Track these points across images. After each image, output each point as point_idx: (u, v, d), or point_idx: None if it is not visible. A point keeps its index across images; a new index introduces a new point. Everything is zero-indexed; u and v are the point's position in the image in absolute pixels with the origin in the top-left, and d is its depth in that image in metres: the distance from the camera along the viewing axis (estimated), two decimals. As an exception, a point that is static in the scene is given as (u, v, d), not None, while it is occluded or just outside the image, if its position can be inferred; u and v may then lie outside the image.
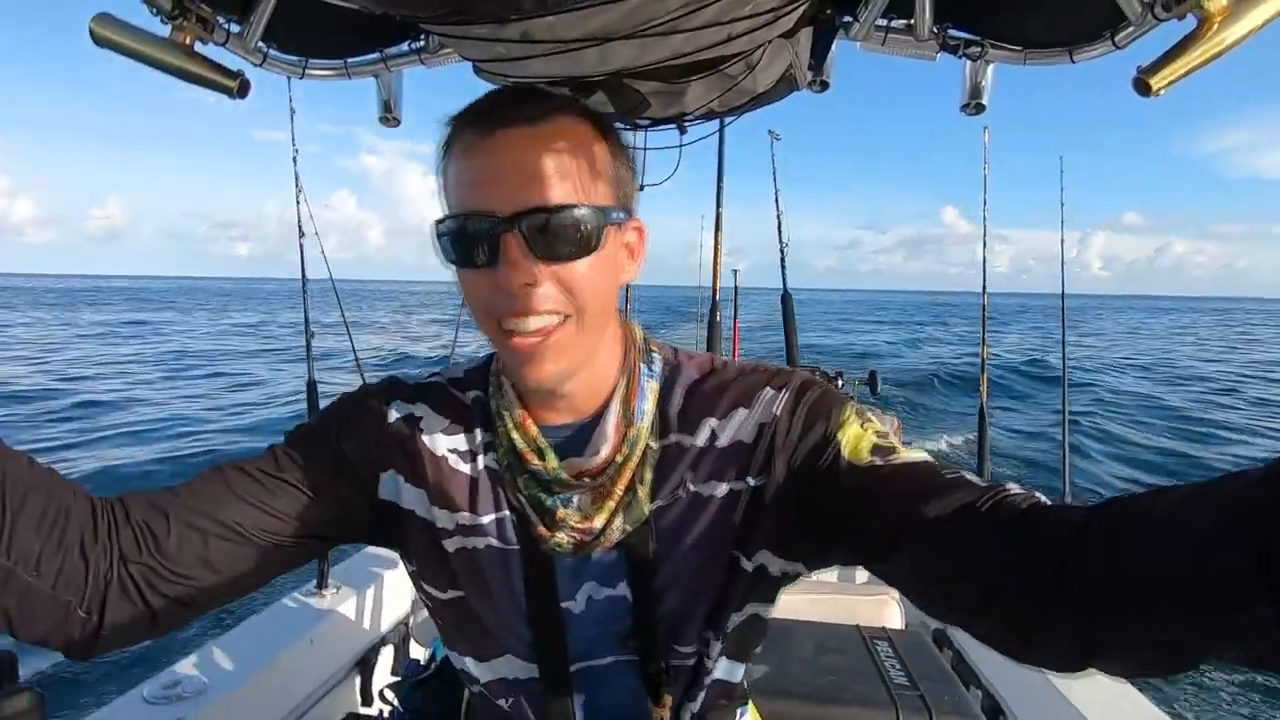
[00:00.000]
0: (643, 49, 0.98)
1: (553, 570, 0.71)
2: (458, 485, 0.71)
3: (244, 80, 1.15)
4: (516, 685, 0.73)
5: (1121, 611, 0.44)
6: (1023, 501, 0.54)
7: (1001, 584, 0.51)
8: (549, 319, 0.61)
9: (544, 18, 0.88)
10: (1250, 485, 0.38)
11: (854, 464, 0.63)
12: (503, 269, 0.59)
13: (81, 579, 0.57)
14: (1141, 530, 0.44)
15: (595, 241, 0.62)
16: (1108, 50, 1.13)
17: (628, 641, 0.72)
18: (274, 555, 0.68)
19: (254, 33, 1.12)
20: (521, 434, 0.69)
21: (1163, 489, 0.45)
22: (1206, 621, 0.39)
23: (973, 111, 1.40)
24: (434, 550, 0.73)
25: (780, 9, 0.96)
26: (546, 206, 0.59)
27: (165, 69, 1.07)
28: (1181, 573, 0.40)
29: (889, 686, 1.36)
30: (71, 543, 0.56)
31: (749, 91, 1.35)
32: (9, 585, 0.53)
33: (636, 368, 0.71)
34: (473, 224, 0.60)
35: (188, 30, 1.04)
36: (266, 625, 2.02)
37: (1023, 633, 0.51)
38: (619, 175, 0.67)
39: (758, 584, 0.74)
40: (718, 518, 0.70)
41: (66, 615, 0.57)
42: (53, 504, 0.56)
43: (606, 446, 0.69)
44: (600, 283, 0.64)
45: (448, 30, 0.96)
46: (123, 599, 0.60)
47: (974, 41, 1.25)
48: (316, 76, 1.33)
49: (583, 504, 0.68)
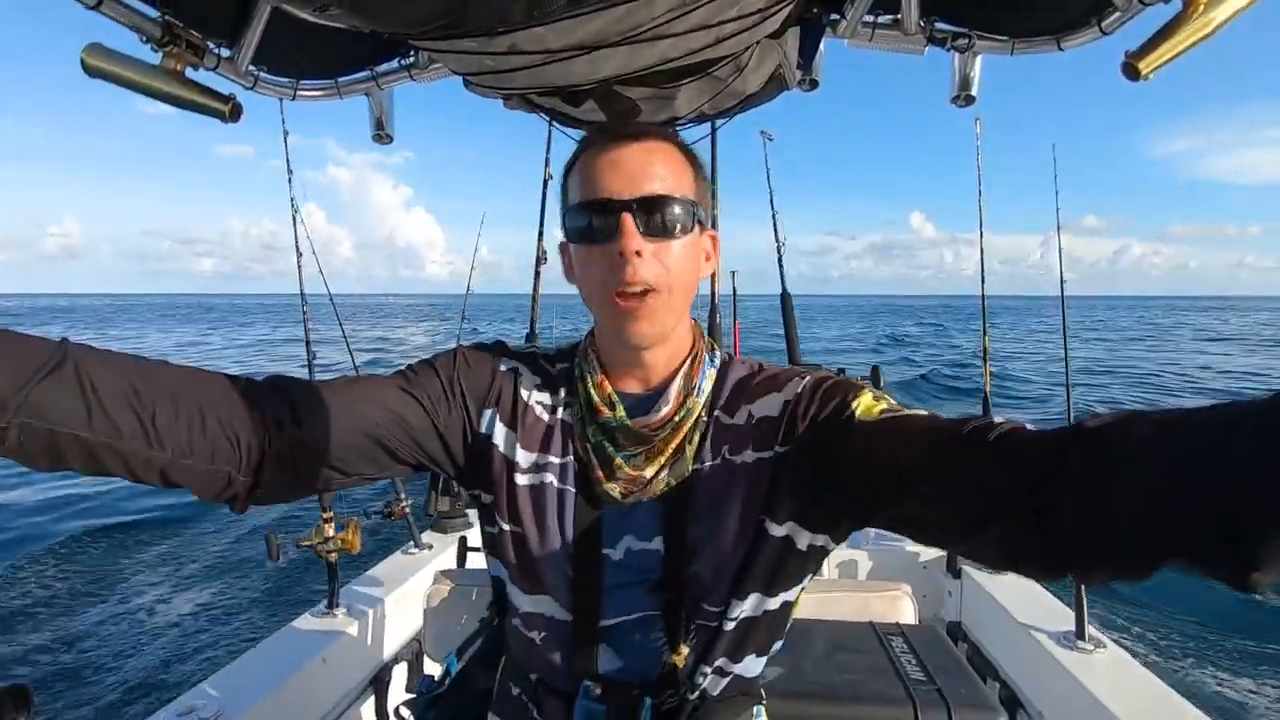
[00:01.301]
0: (631, 55, 0.98)
1: (600, 516, 0.81)
2: (538, 429, 0.84)
3: (236, 104, 1.15)
4: (552, 621, 0.82)
5: (1086, 542, 0.51)
6: (1004, 430, 0.60)
7: (984, 511, 0.58)
8: (649, 286, 0.75)
9: (532, 29, 0.88)
10: (1223, 439, 0.42)
11: (864, 421, 0.72)
12: (620, 240, 0.73)
13: (233, 453, 0.68)
14: (1110, 469, 0.49)
15: (687, 228, 0.77)
16: (1095, 37, 1.13)
17: (657, 593, 0.80)
18: (389, 457, 0.80)
19: (244, 56, 1.13)
20: (598, 391, 0.82)
21: (1138, 419, 0.49)
22: (1166, 557, 0.45)
23: (963, 103, 1.40)
24: (508, 484, 0.83)
25: (767, 10, 0.97)
26: (653, 195, 0.75)
27: (157, 96, 1.07)
28: (1143, 518, 0.46)
29: (905, 682, 1.35)
30: (213, 425, 0.67)
31: (739, 93, 1.35)
32: (177, 469, 0.66)
33: (701, 355, 0.84)
34: (599, 208, 0.75)
35: (178, 57, 1.05)
36: (279, 647, 2.01)
37: (1005, 553, 0.59)
38: (700, 191, 0.82)
39: (786, 557, 0.79)
40: (748, 483, 0.79)
41: (229, 481, 0.69)
42: (184, 398, 0.66)
43: (668, 407, 0.80)
44: (687, 265, 0.78)
45: (436, 46, 0.97)
46: (275, 465, 0.71)
47: (961, 34, 1.25)
48: (308, 97, 1.34)
49: (637, 459, 0.80)
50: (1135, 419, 0.49)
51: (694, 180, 0.81)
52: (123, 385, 0.63)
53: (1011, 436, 0.59)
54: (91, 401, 0.60)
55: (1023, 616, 2.06)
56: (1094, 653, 1.84)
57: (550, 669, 0.84)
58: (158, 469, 0.65)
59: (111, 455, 0.62)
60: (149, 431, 0.63)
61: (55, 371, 0.59)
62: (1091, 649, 1.85)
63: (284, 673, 1.87)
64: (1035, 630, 1.98)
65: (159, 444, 0.64)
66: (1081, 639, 1.87)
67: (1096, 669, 1.78)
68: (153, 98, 1.07)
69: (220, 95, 1.13)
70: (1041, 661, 1.91)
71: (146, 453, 0.63)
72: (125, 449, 0.62)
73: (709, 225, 0.83)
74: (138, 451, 0.63)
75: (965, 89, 1.37)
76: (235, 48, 1.12)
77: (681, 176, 0.79)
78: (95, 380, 0.61)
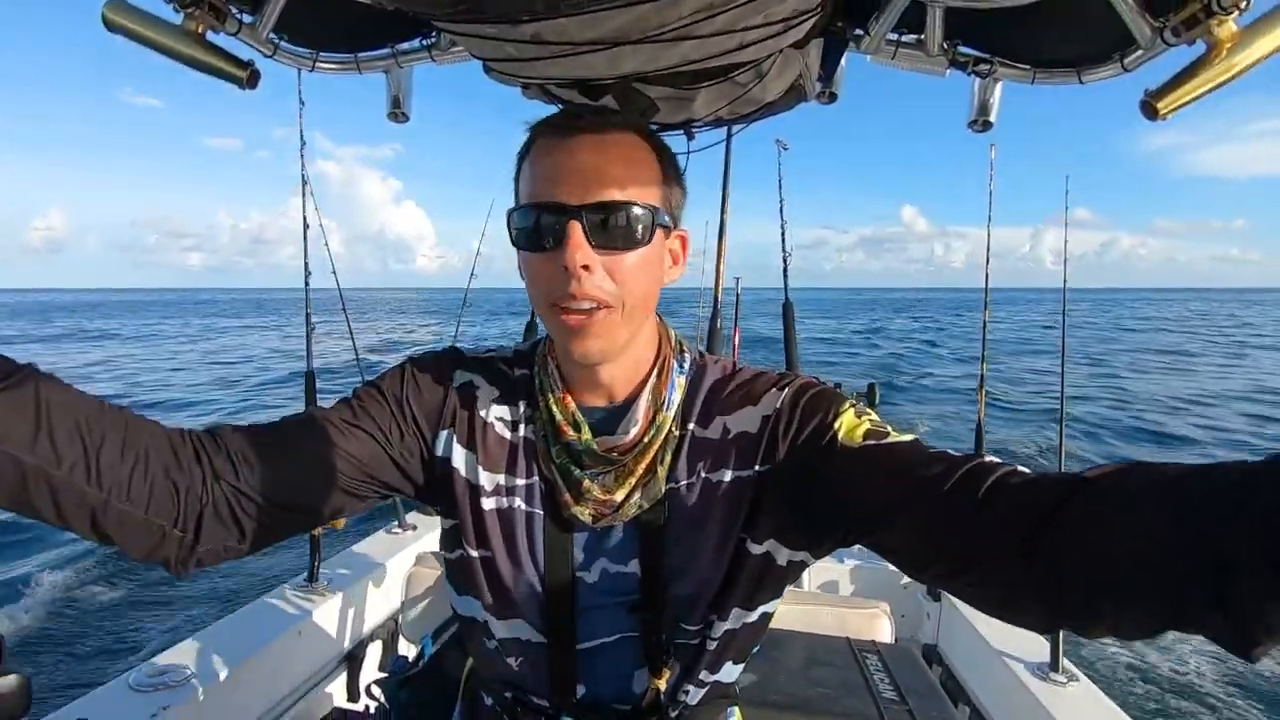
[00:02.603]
0: (653, 54, 0.98)
1: (572, 539, 0.77)
2: (500, 449, 0.79)
3: (254, 70, 1.15)
4: (528, 646, 0.79)
5: (1084, 593, 0.48)
6: (998, 474, 0.58)
7: (972, 555, 0.56)
8: (594, 303, 0.69)
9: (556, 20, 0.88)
10: (1211, 500, 0.41)
11: (848, 446, 0.68)
12: (565, 251, 0.67)
13: (171, 502, 0.64)
14: (1110, 521, 0.47)
15: (644, 238, 0.70)
16: (1116, 73, 1.13)
17: (634, 615, 0.77)
18: (343, 495, 0.75)
19: (266, 24, 1.13)
20: (561, 409, 0.77)
21: (1139, 472, 0.48)
22: (1161, 614, 0.44)
23: (980, 129, 1.40)
24: (473, 507, 0.79)
25: (792, 19, 0.97)
26: (606, 202, 0.68)
27: (176, 57, 1.07)
28: (1142, 572, 0.44)
29: (877, 701, 1.36)
30: (156, 471, 0.63)
31: (758, 100, 1.35)
32: (108, 513, 0.60)
33: (669, 362, 0.79)
34: (545, 212, 0.69)
35: (200, 19, 1.04)
36: (256, 616, 2.01)
37: (993, 600, 0.57)
38: (669, 189, 0.75)
39: (766, 573, 0.77)
40: (726, 503, 0.75)
41: (164, 536, 0.64)
42: (132, 438, 0.62)
43: (636, 428, 0.76)
44: (643, 277, 0.71)
45: (459, 28, 0.97)
46: (215, 519, 0.66)
47: (983, 59, 1.25)
48: (327, 70, 1.34)
49: (606, 480, 0.75)
50: (1139, 470, 0.48)
51: (659, 177, 0.74)
52: (75, 415, 0.59)
53: (1009, 479, 0.57)
54: (41, 424, 0.56)
55: (999, 644, 2.07)
56: (1066, 686, 1.85)
57: (527, 691, 0.81)
58: (89, 510, 0.59)
59: (42, 487, 0.57)
60: (91, 467, 0.59)
61: (11, 389, 0.56)
62: (1064, 681, 1.86)
63: (258, 642, 1.87)
64: (1010, 659, 1.99)
65: (97, 482, 0.59)
66: (1055, 670, 1.88)
67: (1067, 702, 1.79)
68: (171, 58, 1.07)
69: (239, 61, 1.13)
70: (1013, 690, 1.91)
71: (82, 488, 0.58)
72: (61, 481, 0.57)
73: (677, 224, 0.77)
74: (74, 485, 0.58)
75: (984, 114, 1.37)
76: (257, 14, 1.11)
77: (643, 176, 0.71)
78: (50, 405, 0.57)
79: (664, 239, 0.74)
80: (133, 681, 1.63)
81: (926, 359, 22.30)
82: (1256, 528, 0.38)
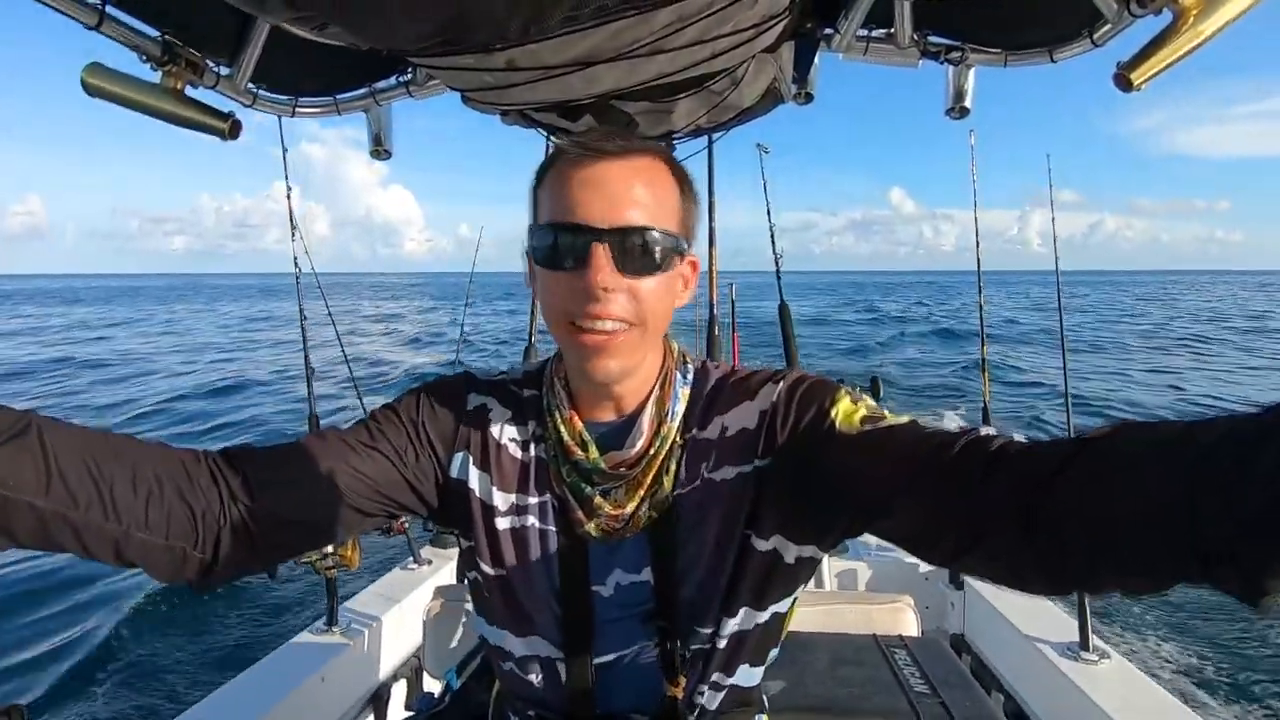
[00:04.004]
0: (629, 70, 0.99)
1: (586, 554, 0.78)
2: (513, 470, 0.81)
3: (235, 121, 1.16)
4: (546, 662, 0.80)
5: (1087, 556, 0.49)
6: (995, 445, 0.58)
7: (976, 529, 0.56)
8: (618, 324, 0.70)
9: (528, 46, 0.89)
10: (1205, 458, 0.41)
11: (846, 433, 0.69)
12: (589, 273, 0.67)
13: (189, 525, 0.65)
14: (1110, 479, 0.47)
15: (666, 264, 0.71)
16: (1087, 49, 1.15)
17: (650, 623, 0.78)
18: (358, 515, 0.76)
19: (244, 74, 1.14)
20: (568, 429, 0.78)
21: (1137, 430, 0.48)
22: (1167, 570, 0.44)
23: (958, 115, 1.41)
24: (489, 528, 0.80)
25: (762, 25, 0.98)
26: (633, 226, 0.69)
27: (158, 115, 1.08)
28: (1145, 530, 0.44)
29: (909, 696, 1.34)
30: (171, 498, 0.64)
31: (735, 107, 1.36)
32: (130, 544, 0.62)
33: (672, 374, 0.80)
34: (568, 233, 0.69)
35: (178, 75, 1.05)
36: (278, 664, 2.00)
37: (1001, 572, 0.57)
38: (687, 214, 0.76)
39: (774, 571, 0.77)
40: (730, 500, 0.76)
41: (185, 558, 0.65)
42: (141, 469, 0.63)
43: (641, 440, 0.77)
44: (662, 300, 0.73)
45: (434, 62, 0.98)
46: (232, 539, 0.67)
47: (955, 47, 1.26)
48: (307, 114, 1.35)
49: (616, 495, 0.76)
50: (1134, 429, 0.49)
51: (680, 202, 0.75)
52: (83, 455, 0.60)
53: (1006, 450, 0.57)
54: (51, 469, 0.57)
55: (1026, 628, 2.05)
56: (1098, 663, 1.83)
57: (548, 706, 0.82)
58: (112, 542, 0.61)
59: (64, 526, 0.59)
60: (105, 503, 0.60)
61: (17, 438, 0.57)
62: (1096, 660, 1.84)
63: (283, 690, 1.85)
64: (1039, 641, 1.97)
65: (115, 516, 0.60)
66: (1085, 650, 1.86)
67: (1101, 680, 1.77)
68: (153, 116, 1.08)
69: (219, 113, 1.14)
70: (1046, 673, 1.89)
71: (101, 524, 0.60)
72: (79, 521, 0.59)
73: (690, 249, 0.78)
74: (92, 523, 0.60)
75: (960, 101, 1.38)
76: (234, 66, 1.13)
77: (666, 201, 0.73)
78: (58, 449, 0.58)
79: (679, 264, 0.75)
80: None
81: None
82: (1264, 475, 0.38)
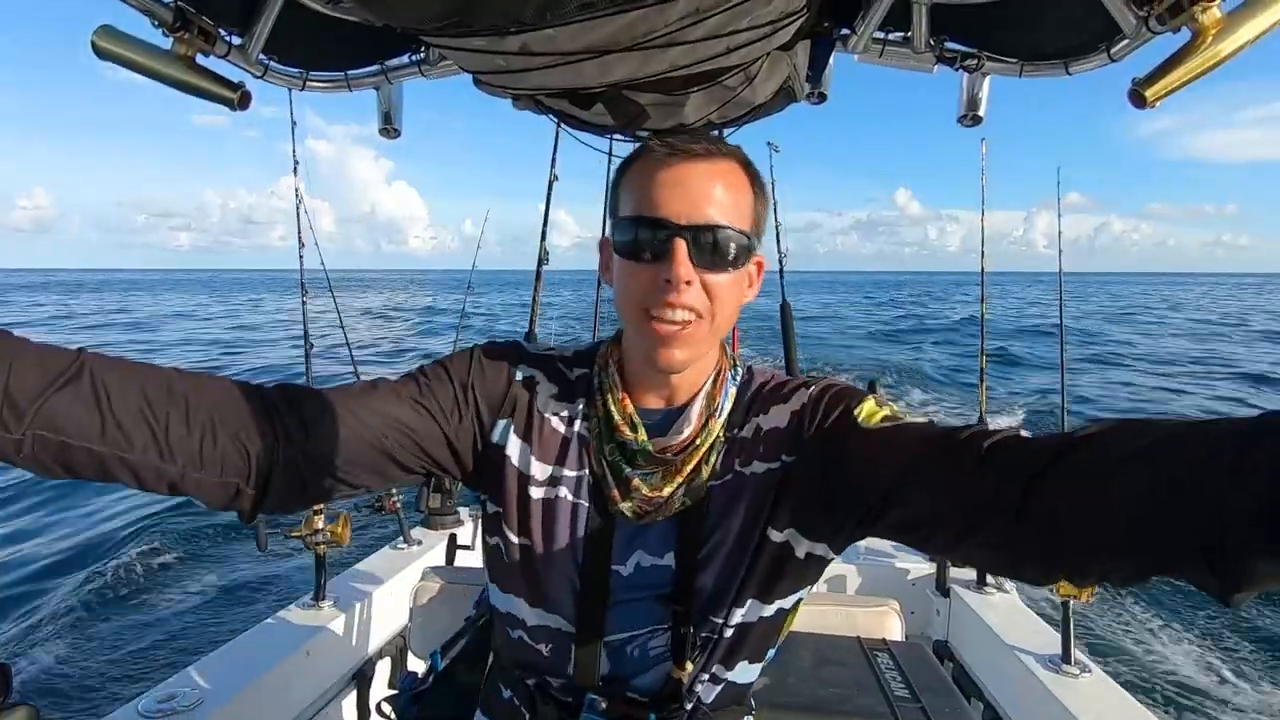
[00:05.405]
0: (642, 61, 0.99)
1: (613, 533, 0.80)
2: (554, 442, 0.83)
3: (245, 92, 1.15)
4: (557, 634, 0.82)
5: (1078, 547, 0.51)
6: (998, 437, 0.61)
7: (973, 516, 0.59)
8: (690, 314, 0.73)
9: (543, 30, 0.88)
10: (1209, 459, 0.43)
11: (866, 430, 0.73)
12: (668, 266, 0.71)
13: (243, 463, 0.68)
14: (1101, 473, 0.50)
15: (739, 261, 0.75)
16: (1103, 63, 1.14)
17: (664, 606, 0.80)
18: (397, 468, 0.78)
19: (255, 45, 1.13)
20: (619, 409, 0.81)
21: (1132, 428, 0.50)
22: (1152, 564, 0.47)
23: (970, 123, 1.40)
24: (520, 495, 0.82)
25: (779, 22, 0.97)
26: (713, 224, 0.73)
27: (167, 81, 1.07)
28: (1134, 525, 0.47)
29: (890, 699, 1.35)
30: (225, 438, 0.67)
31: (748, 103, 1.36)
32: (185, 481, 0.65)
33: (724, 371, 0.84)
34: (650, 227, 0.73)
35: (189, 43, 1.05)
36: (263, 638, 2.00)
37: (996, 560, 0.62)
38: (759, 217, 0.80)
39: (783, 564, 0.80)
40: (757, 494, 0.79)
41: (238, 493, 0.69)
42: (196, 409, 0.66)
43: (689, 428, 0.80)
44: (732, 296, 0.77)
45: (448, 42, 0.97)
46: (282, 478, 0.70)
47: (971, 54, 1.25)
48: (317, 88, 1.34)
49: (654, 479, 0.79)
50: (1133, 425, 0.51)
51: (754, 204, 0.79)
52: (136, 397, 0.63)
53: (1006, 441, 0.60)
54: (105, 414, 0.60)
55: (1009, 638, 2.06)
56: (1079, 677, 1.84)
57: (550, 678, 0.83)
58: (167, 480, 0.65)
59: (122, 467, 0.62)
60: (161, 444, 0.63)
61: (71, 383, 0.59)
62: (1077, 673, 1.85)
63: (267, 663, 1.86)
64: (1021, 652, 1.98)
65: (170, 457, 0.64)
66: (1067, 662, 1.87)
67: (1081, 693, 1.78)
68: (162, 82, 1.07)
69: (230, 83, 1.13)
70: (1026, 683, 1.90)
71: (157, 465, 0.63)
72: (136, 461, 0.62)
73: (759, 249, 0.82)
74: (149, 464, 0.63)
75: (973, 109, 1.37)
76: (246, 36, 1.12)
77: (742, 202, 0.76)
78: (110, 391, 0.61)
79: (749, 262, 0.79)
80: (142, 708, 1.62)
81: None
82: (1254, 480, 0.40)
